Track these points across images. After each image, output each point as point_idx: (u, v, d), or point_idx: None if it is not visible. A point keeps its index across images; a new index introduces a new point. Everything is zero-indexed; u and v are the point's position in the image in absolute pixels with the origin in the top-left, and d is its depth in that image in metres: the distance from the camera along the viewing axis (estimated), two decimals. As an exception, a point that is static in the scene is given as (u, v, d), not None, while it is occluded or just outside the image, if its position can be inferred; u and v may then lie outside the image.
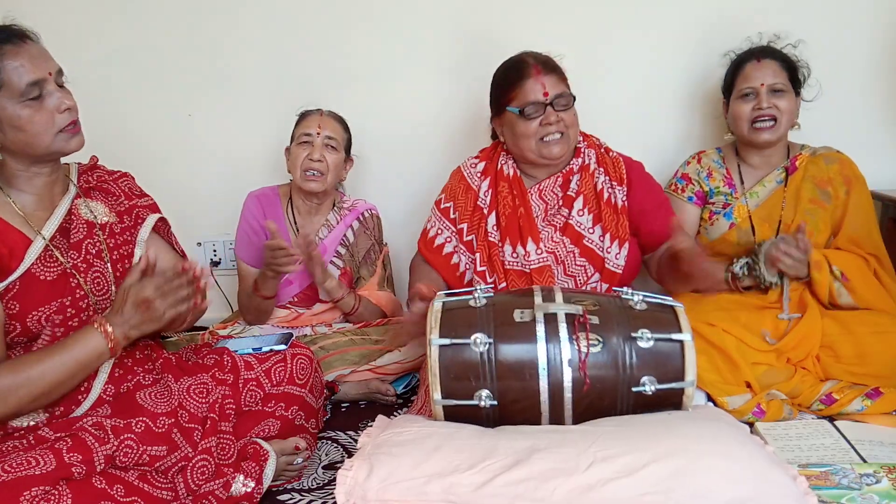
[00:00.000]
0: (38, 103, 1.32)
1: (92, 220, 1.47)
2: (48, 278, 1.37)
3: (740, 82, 1.96)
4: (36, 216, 1.40)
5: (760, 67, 1.94)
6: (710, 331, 1.73)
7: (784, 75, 1.94)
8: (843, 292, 1.85)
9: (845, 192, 1.94)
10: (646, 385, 1.34)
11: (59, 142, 1.36)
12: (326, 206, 2.17)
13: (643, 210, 1.84)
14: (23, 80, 1.29)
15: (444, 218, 1.91)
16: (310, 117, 2.10)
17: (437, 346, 1.34)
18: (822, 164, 1.97)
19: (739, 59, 1.99)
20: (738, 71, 1.98)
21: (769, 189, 2.00)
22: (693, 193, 2.06)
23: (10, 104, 1.30)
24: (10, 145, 1.34)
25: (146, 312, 1.34)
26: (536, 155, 1.80)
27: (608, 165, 1.86)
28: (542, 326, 1.34)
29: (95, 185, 1.53)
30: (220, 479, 1.40)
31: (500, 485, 1.18)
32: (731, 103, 1.99)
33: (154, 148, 2.43)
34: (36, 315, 1.34)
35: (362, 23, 2.34)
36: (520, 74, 1.78)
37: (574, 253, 1.80)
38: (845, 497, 1.36)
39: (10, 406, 1.28)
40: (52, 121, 1.34)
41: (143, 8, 2.35)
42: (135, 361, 1.50)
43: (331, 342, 2.00)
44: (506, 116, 1.83)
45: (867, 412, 1.70)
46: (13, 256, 1.34)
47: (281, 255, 1.89)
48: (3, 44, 1.30)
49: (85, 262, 1.42)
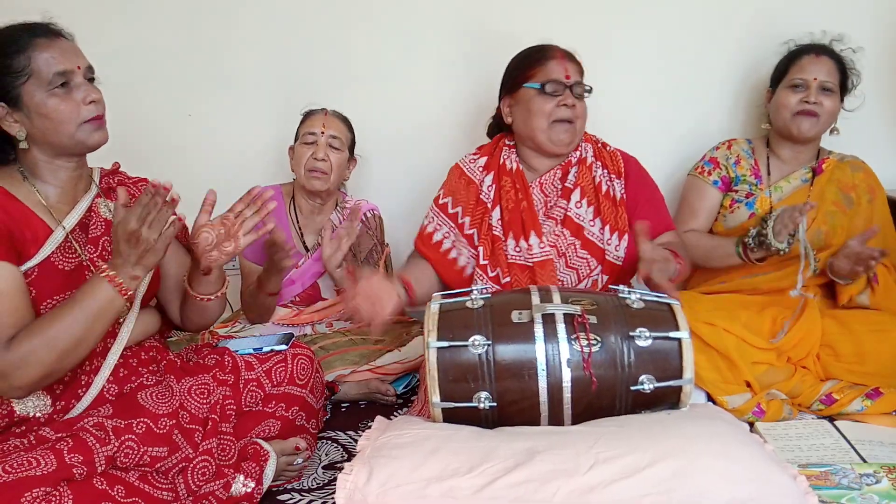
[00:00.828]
0: (65, 93, 1.36)
1: (110, 218, 1.49)
2: (65, 268, 1.40)
3: (794, 72, 1.97)
4: (58, 208, 1.43)
5: (818, 62, 1.95)
6: (709, 331, 1.73)
7: (837, 76, 1.96)
8: (865, 294, 1.86)
9: (868, 200, 1.98)
10: (644, 383, 1.34)
11: (83, 133, 1.40)
12: (329, 205, 2.17)
13: (639, 202, 1.84)
14: (51, 70, 1.34)
15: (443, 214, 1.90)
16: (314, 117, 2.10)
17: (435, 349, 1.34)
18: (848, 171, 2.01)
19: (799, 49, 2.00)
20: (794, 61, 1.99)
21: (794, 186, 2.02)
22: (719, 178, 2.07)
23: (39, 92, 1.34)
24: (37, 134, 1.38)
25: (138, 244, 1.33)
26: (546, 137, 1.80)
27: (606, 159, 1.87)
28: (541, 327, 1.35)
29: (115, 186, 1.55)
30: (221, 479, 1.41)
31: (501, 487, 1.18)
32: (778, 92, 2.00)
33: (153, 148, 2.42)
34: (51, 303, 1.36)
35: (362, 22, 2.34)
36: (544, 55, 1.82)
37: (575, 245, 1.80)
38: (845, 497, 1.36)
39: (37, 368, 1.28)
40: (78, 111, 1.38)
41: (143, 8, 2.35)
42: (140, 362, 1.51)
43: (331, 342, 2.01)
44: (521, 93, 1.83)
45: (867, 412, 1.71)
46: (34, 243, 1.37)
47: (274, 252, 1.88)
48: (37, 37, 1.36)
49: (101, 258, 1.44)
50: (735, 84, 2.34)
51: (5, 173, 1.42)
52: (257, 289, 2.01)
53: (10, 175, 1.42)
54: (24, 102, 1.35)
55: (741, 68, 2.32)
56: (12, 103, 1.35)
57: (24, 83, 1.34)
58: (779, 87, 2.01)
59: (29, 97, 1.34)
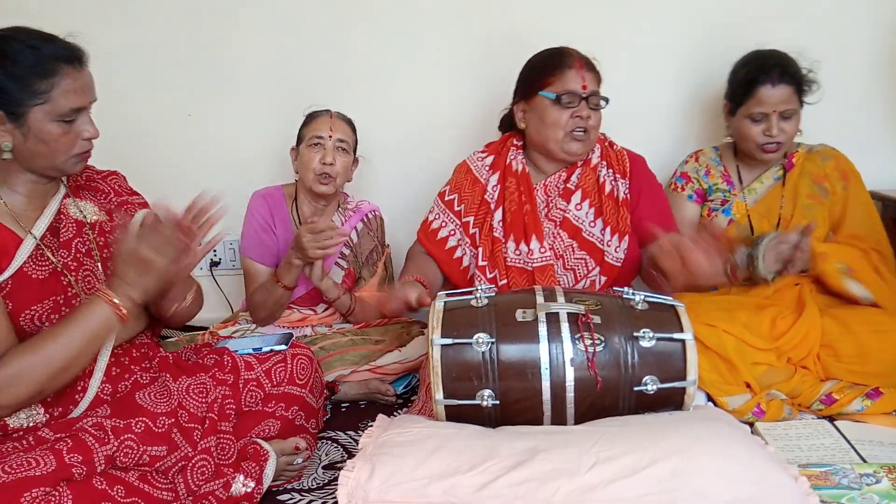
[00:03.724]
0: (69, 125, 1.36)
1: (81, 219, 1.47)
2: (40, 277, 1.37)
3: (752, 105, 1.91)
4: (26, 216, 1.41)
5: (774, 93, 1.88)
6: (709, 332, 1.73)
7: (795, 98, 1.92)
8: (853, 283, 1.85)
9: (842, 186, 1.97)
10: (648, 384, 1.34)
11: (69, 163, 1.40)
12: (332, 207, 2.16)
13: (643, 203, 1.85)
14: (68, 104, 1.34)
15: (449, 210, 1.90)
16: (320, 119, 2.07)
17: (439, 346, 1.34)
18: (819, 161, 1.99)
19: (754, 75, 1.91)
20: (751, 90, 1.91)
21: (767, 186, 2.02)
22: (693, 192, 2.08)
23: (46, 118, 1.33)
24: (24, 152, 1.36)
25: (144, 270, 1.32)
26: (559, 147, 1.80)
27: (612, 159, 1.87)
28: (545, 326, 1.34)
29: (84, 184, 1.54)
30: (220, 479, 1.40)
31: (502, 486, 1.18)
32: (739, 119, 1.95)
33: (153, 148, 2.42)
34: (29, 314, 1.34)
35: (363, 23, 2.34)
36: (563, 62, 1.78)
37: (573, 246, 1.80)
38: (845, 497, 1.37)
39: (31, 386, 1.28)
40: (74, 144, 1.38)
41: (143, 8, 2.34)
42: (132, 360, 1.50)
43: (331, 342, 2.00)
44: (536, 101, 1.81)
45: (867, 412, 1.71)
46: (5, 255, 1.34)
47: (324, 238, 1.86)
48: (66, 63, 1.34)
49: (75, 261, 1.42)
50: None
51: None
52: (276, 283, 1.98)
53: None
54: (28, 122, 1.32)
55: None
56: (13, 117, 1.32)
57: (37, 105, 1.32)
58: (738, 111, 1.94)
59: (35, 119, 1.32)
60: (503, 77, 1.96)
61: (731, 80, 2.00)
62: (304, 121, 2.11)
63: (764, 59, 1.93)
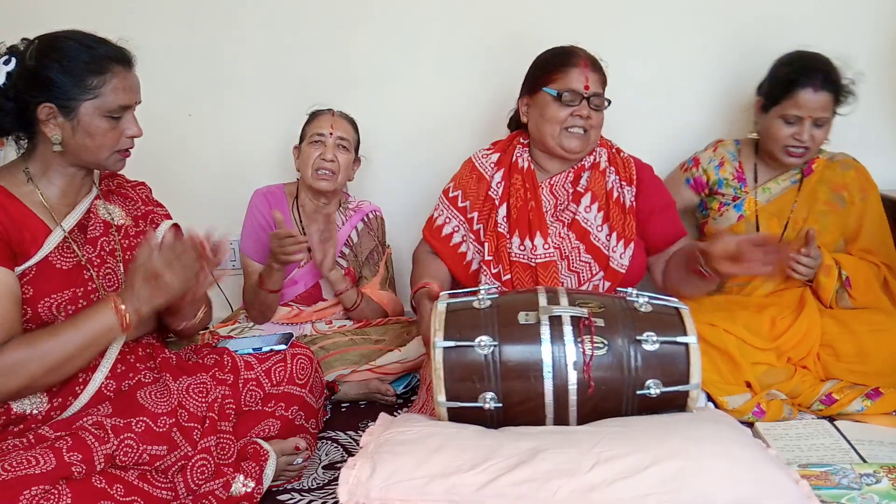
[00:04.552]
0: (116, 122, 1.43)
1: (109, 220, 1.52)
2: (63, 267, 1.41)
3: (789, 106, 1.86)
4: (58, 210, 1.45)
5: (815, 98, 1.83)
6: (710, 331, 1.74)
7: (831, 106, 1.87)
8: (844, 297, 1.87)
9: (861, 198, 1.96)
10: (651, 388, 1.33)
11: (111, 160, 1.47)
12: (333, 206, 2.16)
13: (652, 211, 1.85)
14: (118, 101, 1.42)
15: (453, 207, 1.90)
16: (322, 117, 2.09)
17: (441, 348, 1.34)
18: (839, 170, 1.98)
19: (795, 76, 1.86)
20: (790, 91, 1.85)
21: (782, 187, 2.00)
22: (692, 177, 2.08)
23: (95, 114, 1.40)
24: (72, 145, 1.41)
25: (156, 286, 1.35)
26: (556, 143, 1.80)
27: (619, 165, 1.87)
28: (547, 329, 1.34)
29: (115, 189, 1.59)
30: (220, 478, 1.41)
31: (503, 485, 1.18)
32: (771, 118, 1.91)
33: (153, 148, 2.39)
34: (48, 302, 1.37)
35: (363, 23, 2.33)
36: (568, 61, 1.80)
37: (579, 249, 1.81)
38: (845, 497, 1.37)
39: (23, 379, 1.31)
40: (118, 141, 1.45)
41: (143, 8, 2.34)
42: (137, 358, 1.51)
43: (331, 342, 2.00)
44: (539, 96, 1.83)
45: (867, 412, 1.71)
46: (34, 243, 1.39)
47: (289, 244, 1.90)
48: (117, 63, 1.43)
49: (99, 258, 1.46)
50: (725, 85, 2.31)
51: (7, 173, 1.44)
52: (259, 286, 2.01)
53: (12, 175, 1.43)
54: (78, 116, 1.39)
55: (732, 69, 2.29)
56: (65, 112, 1.38)
57: (88, 100, 1.38)
58: (771, 109, 1.90)
59: (85, 113, 1.39)
60: (506, 77, 1.96)
61: (769, 76, 1.94)
62: (307, 119, 2.12)
63: (809, 62, 1.87)
